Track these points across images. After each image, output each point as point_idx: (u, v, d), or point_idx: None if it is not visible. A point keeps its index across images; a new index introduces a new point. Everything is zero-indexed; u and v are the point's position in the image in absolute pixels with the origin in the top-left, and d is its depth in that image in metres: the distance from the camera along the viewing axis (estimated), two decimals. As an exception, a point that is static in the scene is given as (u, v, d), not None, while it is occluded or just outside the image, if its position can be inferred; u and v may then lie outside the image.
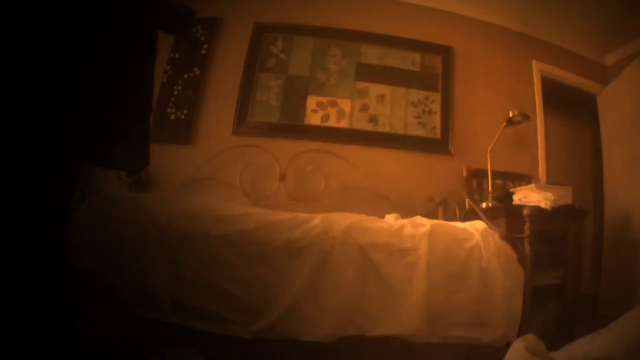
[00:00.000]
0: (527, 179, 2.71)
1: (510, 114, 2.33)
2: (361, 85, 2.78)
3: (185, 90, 2.68)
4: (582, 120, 3.47)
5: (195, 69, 2.72)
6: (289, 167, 2.54)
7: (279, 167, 2.53)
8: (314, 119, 2.69)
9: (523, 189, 2.16)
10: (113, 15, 0.89)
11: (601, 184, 3.01)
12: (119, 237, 1.43)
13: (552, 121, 3.11)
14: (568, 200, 2.06)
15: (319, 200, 2.49)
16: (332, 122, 2.70)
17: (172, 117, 2.63)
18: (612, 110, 2.96)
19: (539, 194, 2.01)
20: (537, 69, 3.04)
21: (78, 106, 0.85)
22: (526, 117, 2.35)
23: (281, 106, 2.70)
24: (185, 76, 2.71)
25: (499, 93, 2.91)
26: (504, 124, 2.38)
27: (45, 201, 0.82)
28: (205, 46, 2.76)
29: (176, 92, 2.67)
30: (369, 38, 2.86)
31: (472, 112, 2.83)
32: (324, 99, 2.73)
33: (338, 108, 2.72)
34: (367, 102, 2.75)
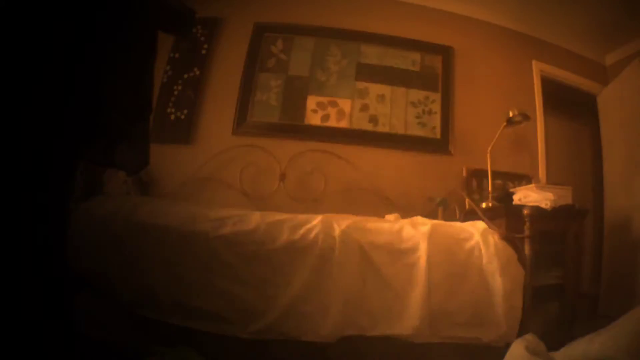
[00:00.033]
0: (527, 179, 2.71)
1: (510, 114, 2.33)
2: (361, 85, 2.78)
3: (185, 90, 2.68)
4: (582, 120, 3.47)
5: (195, 69, 2.72)
6: (289, 167, 2.54)
7: (279, 167, 2.53)
8: (314, 119, 2.69)
9: (523, 189, 2.16)
10: (113, 15, 0.89)
11: (601, 184, 3.01)
12: (119, 237, 1.43)
13: (552, 121, 3.11)
14: (568, 200, 2.06)
15: (319, 200, 2.49)
16: (332, 122, 2.70)
17: (172, 117, 2.63)
18: (612, 110, 2.96)
19: (539, 194, 2.01)
20: (537, 69, 3.04)
21: (78, 106, 0.85)
22: (526, 117, 2.36)
23: (281, 106, 2.70)
24: (185, 76, 2.71)
25: (499, 93, 2.91)
26: (504, 124, 2.38)
27: (45, 201, 0.82)
28: (205, 46, 2.76)
29: (176, 92, 2.68)
30: (369, 38, 2.86)
31: (472, 112, 2.83)
32: (324, 99, 2.73)
33: (338, 108, 2.72)
34: (367, 102, 2.75)
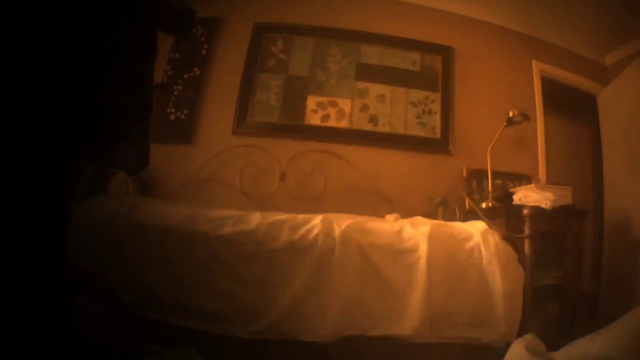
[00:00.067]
0: (527, 179, 2.71)
1: (510, 114, 2.33)
2: (361, 85, 2.78)
3: (185, 90, 2.68)
4: (582, 120, 3.47)
5: (195, 69, 2.72)
6: (289, 167, 2.54)
7: (279, 167, 2.53)
8: (314, 119, 2.69)
9: (523, 189, 2.16)
10: (113, 15, 0.89)
11: (601, 184, 3.01)
12: (119, 237, 1.43)
13: (552, 121, 3.11)
14: (568, 200, 2.06)
15: (319, 200, 2.49)
16: (332, 122, 2.70)
17: (172, 117, 2.63)
18: (612, 110, 2.96)
19: (539, 194, 2.01)
20: (537, 69, 3.04)
21: (78, 106, 0.85)
22: (526, 117, 2.35)
23: (281, 106, 2.70)
24: (185, 76, 2.71)
25: (499, 93, 2.90)
26: (504, 124, 2.37)
27: (45, 201, 0.82)
28: (205, 46, 2.76)
29: (176, 92, 2.68)
30: (369, 38, 2.86)
31: (472, 112, 2.83)
32: (324, 99, 2.73)
33: (338, 108, 2.72)
34: (367, 102, 2.75)
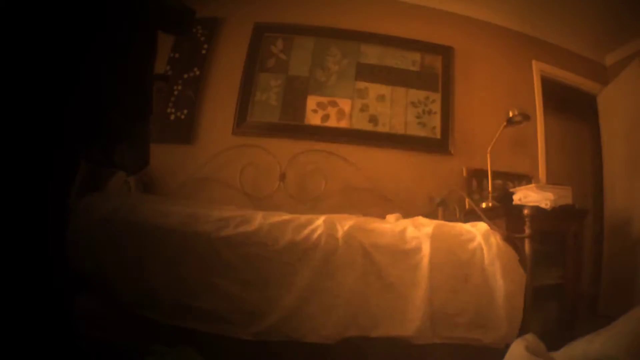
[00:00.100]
0: (527, 179, 2.71)
1: (510, 114, 2.33)
2: (361, 85, 2.78)
3: (185, 90, 2.68)
4: (582, 120, 3.47)
5: (195, 69, 2.72)
6: (289, 167, 2.54)
7: (279, 167, 2.53)
8: (314, 119, 2.69)
9: (523, 189, 2.16)
10: (113, 15, 0.89)
11: (601, 184, 3.01)
12: (120, 237, 1.43)
13: (552, 121, 3.10)
14: (568, 200, 2.06)
15: (319, 200, 2.49)
16: (332, 122, 2.69)
17: (172, 117, 2.63)
18: (612, 110, 2.95)
19: (539, 194, 2.01)
20: (537, 69, 3.04)
21: (78, 106, 0.85)
22: (526, 117, 2.35)
23: (281, 106, 2.70)
24: (185, 76, 2.71)
25: (499, 93, 2.90)
26: (504, 124, 2.37)
27: (45, 201, 0.82)
28: (205, 46, 2.76)
29: (176, 92, 2.68)
30: (369, 38, 2.85)
31: (472, 112, 2.83)
32: (324, 99, 2.73)
33: (338, 108, 2.72)
34: (367, 102, 2.75)
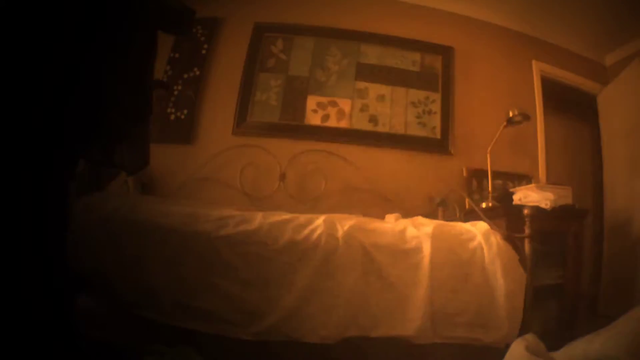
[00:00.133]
0: (527, 179, 2.71)
1: (510, 114, 2.33)
2: (361, 85, 2.78)
3: (185, 90, 2.68)
4: (582, 120, 3.46)
5: (195, 69, 2.72)
6: (289, 167, 2.54)
7: (279, 167, 2.53)
8: (314, 119, 2.69)
9: (523, 189, 2.16)
10: (113, 15, 0.89)
11: (601, 184, 3.01)
12: (120, 237, 1.43)
13: (552, 121, 3.10)
14: (568, 200, 2.06)
15: (319, 200, 2.49)
16: (332, 122, 2.69)
17: (172, 117, 2.63)
18: (612, 110, 2.95)
19: (539, 194, 2.01)
20: (537, 69, 3.04)
21: (78, 106, 0.85)
22: (526, 117, 2.35)
23: (281, 106, 2.70)
24: (185, 76, 2.71)
25: (499, 93, 2.90)
26: (504, 124, 2.37)
27: (45, 201, 0.82)
28: (205, 46, 2.76)
29: (176, 92, 2.68)
30: (369, 38, 2.85)
31: (472, 112, 2.83)
32: (324, 99, 2.73)
33: (338, 108, 2.72)
34: (367, 102, 2.75)
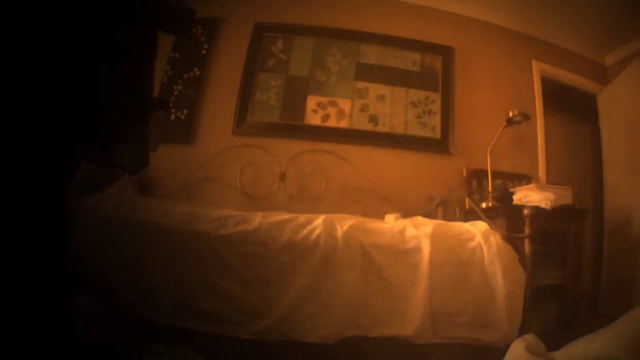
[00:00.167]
0: (527, 179, 2.71)
1: (510, 114, 2.33)
2: (361, 85, 2.78)
3: (185, 90, 2.68)
4: (582, 120, 3.47)
5: (195, 69, 2.72)
6: (289, 167, 2.54)
7: (279, 167, 2.53)
8: (314, 119, 2.69)
9: (523, 189, 2.16)
10: (113, 15, 0.89)
11: (601, 184, 3.01)
12: (120, 237, 1.43)
13: (552, 121, 3.10)
14: (568, 200, 2.06)
15: (319, 200, 2.49)
16: (332, 122, 2.69)
17: (172, 117, 2.63)
18: (612, 110, 2.95)
19: (539, 194, 2.01)
20: (537, 69, 3.04)
21: (78, 106, 0.85)
22: (526, 117, 2.36)
23: (281, 106, 2.70)
24: (185, 76, 2.71)
25: (499, 93, 2.90)
26: (504, 124, 2.38)
27: (45, 201, 0.82)
28: (205, 46, 2.76)
29: (176, 92, 2.68)
30: (369, 38, 2.85)
31: (472, 112, 2.83)
32: (324, 99, 2.73)
33: (338, 108, 2.72)
34: (367, 102, 2.75)
